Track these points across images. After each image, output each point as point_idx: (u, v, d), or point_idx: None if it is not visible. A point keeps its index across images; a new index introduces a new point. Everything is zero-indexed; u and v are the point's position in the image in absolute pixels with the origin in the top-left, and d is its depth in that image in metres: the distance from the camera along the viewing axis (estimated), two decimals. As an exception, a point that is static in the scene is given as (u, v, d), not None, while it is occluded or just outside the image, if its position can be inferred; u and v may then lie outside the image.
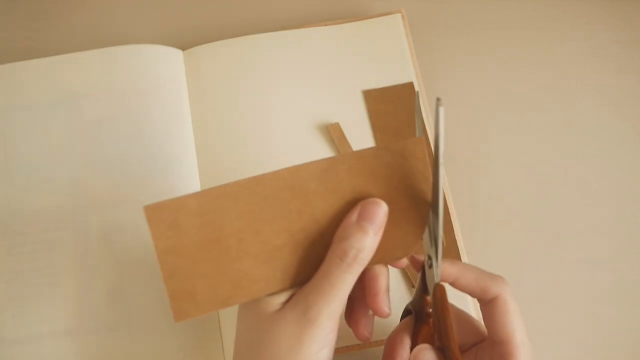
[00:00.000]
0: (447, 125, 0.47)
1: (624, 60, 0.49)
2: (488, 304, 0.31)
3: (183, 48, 0.48)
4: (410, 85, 0.46)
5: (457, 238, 0.42)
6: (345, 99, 0.46)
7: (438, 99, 0.28)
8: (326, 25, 0.49)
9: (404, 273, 0.41)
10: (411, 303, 0.34)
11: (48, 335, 0.40)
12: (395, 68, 0.47)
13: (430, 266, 0.31)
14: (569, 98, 0.48)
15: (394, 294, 0.36)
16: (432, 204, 0.29)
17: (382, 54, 0.48)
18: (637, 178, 0.45)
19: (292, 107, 0.46)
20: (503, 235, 0.44)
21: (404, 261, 0.32)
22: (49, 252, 0.42)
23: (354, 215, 0.29)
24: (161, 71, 0.47)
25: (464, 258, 0.42)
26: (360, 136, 0.45)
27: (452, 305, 0.33)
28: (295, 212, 0.29)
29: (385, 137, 0.45)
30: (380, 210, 0.29)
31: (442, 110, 0.27)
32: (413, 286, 0.41)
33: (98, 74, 0.47)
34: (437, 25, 0.50)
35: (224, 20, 0.51)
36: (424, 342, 0.31)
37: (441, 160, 0.28)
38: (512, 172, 0.46)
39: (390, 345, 0.33)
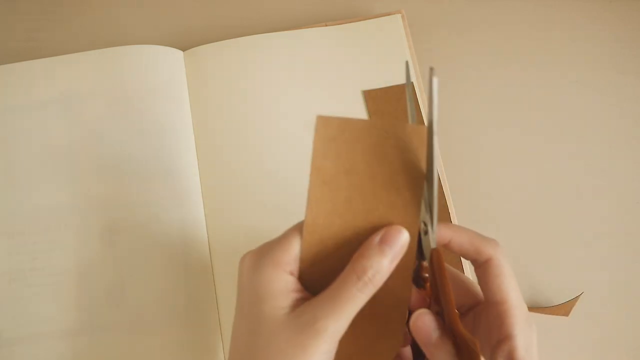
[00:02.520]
0: (446, 125, 0.47)
1: (624, 60, 0.49)
2: (481, 265, 0.31)
3: (183, 48, 0.48)
4: (410, 85, 0.46)
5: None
6: (345, 99, 0.46)
7: (431, 69, 0.28)
8: (326, 25, 0.49)
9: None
10: (414, 272, 0.34)
11: (48, 335, 0.40)
12: (395, 68, 0.47)
13: (426, 232, 0.31)
14: (569, 98, 0.48)
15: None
16: (427, 173, 0.30)
17: (382, 54, 0.48)
18: (637, 178, 0.45)
19: (292, 107, 0.46)
20: (503, 234, 0.44)
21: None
22: (49, 252, 0.42)
23: (376, 238, 0.29)
24: (162, 71, 0.47)
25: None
26: (360, 136, 0.45)
27: (449, 268, 0.33)
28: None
29: (385, 137, 0.45)
30: (402, 237, 0.29)
31: (435, 80, 0.28)
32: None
33: (98, 74, 0.47)
34: (437, 25, 0.50)
35: (224, 21, 0.51)
36: (420, 307, 0.31)
37: (435, 129, 0.29)
38: (511, 172, 0.46)
39: None
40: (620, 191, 0.45)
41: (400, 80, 0.47)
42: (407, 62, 0.35)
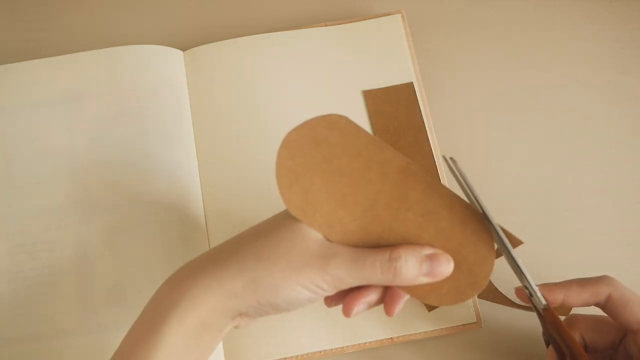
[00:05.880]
0: (446, 124, 0.47)
1: (624, 60, 0.49)
2: (606, 304, 0.33)
3: (183, 48, 0.48)
4: (410, 85, 0.46)
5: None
6: (345, 99, 0.46)
7: (451, 160, 0.31)
8: (326, 25, 0.49)
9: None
10: (543, 334, 0.35)
11: (48, 335, 0.40)
12: (395, 68, 0.47)
13: (531, 295, 0.32)
14: (569, 98, 0.48)
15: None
16: (500, 243, 0.31)
17: (382, 54, 0.48)
18: (637, 178, 0.45)
19: (292, 107, 0.46)
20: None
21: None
22: (49, 252, 0.42)
23: (427, 250, 0.30)
24: (161, 71, 0.47)
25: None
26: (360, 136, 0.45)
27: (583, 315, 0.34)
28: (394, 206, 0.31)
29: (385, 137, 0.45)
30: (446, 269, 0.30)
31: (463, 171, 0.31)
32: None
33: (98, 74, 0.47)
34: (437, 25, 0.50)
35: (224, 21, 0.51)
36: None
37: (490, 215, 0.30)
38: (511, 171, 0.46)
39: None
40: (620, 191, 0.45)
41: (400, 80, 0.47)
42: (451, 160, 0.33)
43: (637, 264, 0.43)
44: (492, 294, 0.41)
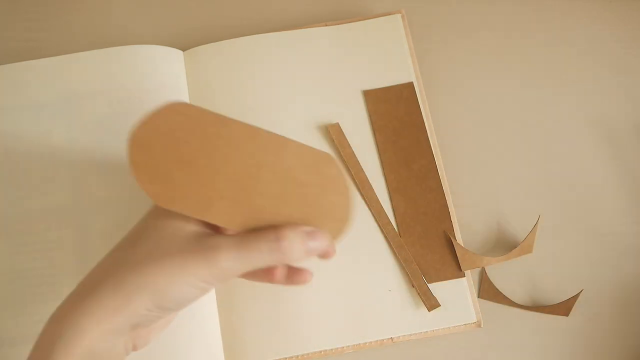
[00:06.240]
0: (446, 124, 0.47)
1: (624, 60, 0.49)
2: None
3: (183, 48, 0.48)
4: (410, 85, 0.46)
5: (455, 233, 0.42)
6: (345, 99, 0.46)
7: None
8: (326, 25, 0.49)
9: (404, 273, 0.41)
10: None
11: (48, 335, 0.40)
12: (395, 68, 0.47)
13: None
14: (569, 98, 0.48)
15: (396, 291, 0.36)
16: None
17: (382, 54, 0.48)
18: (637, 177, 0.45)
19: (292, 107, 0.46)
20: (504, 233, 0.44)
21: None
22: (49, 252, 0.42)
23: (309, 228, 0.31)
24: (161, 72, 0.47)
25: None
26: (360, 136, 0.45)
27: None
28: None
29: (385, 137, 0.45)
30: (326, 245, 0.31)
31: None
32: (413, 286, 0.41)
33: (98, 74, 0.47)
34: (437, 25, 0.50)
35: (224, 21, 0.51)
36: None
37: None
38: (512, 171, 0.46)
39: None
40: (620, 191, 0.45)
41: (400, 80, 0.47)
42: None
43: (638, 264, 0.43)
44: (492, 294, 0.42)
